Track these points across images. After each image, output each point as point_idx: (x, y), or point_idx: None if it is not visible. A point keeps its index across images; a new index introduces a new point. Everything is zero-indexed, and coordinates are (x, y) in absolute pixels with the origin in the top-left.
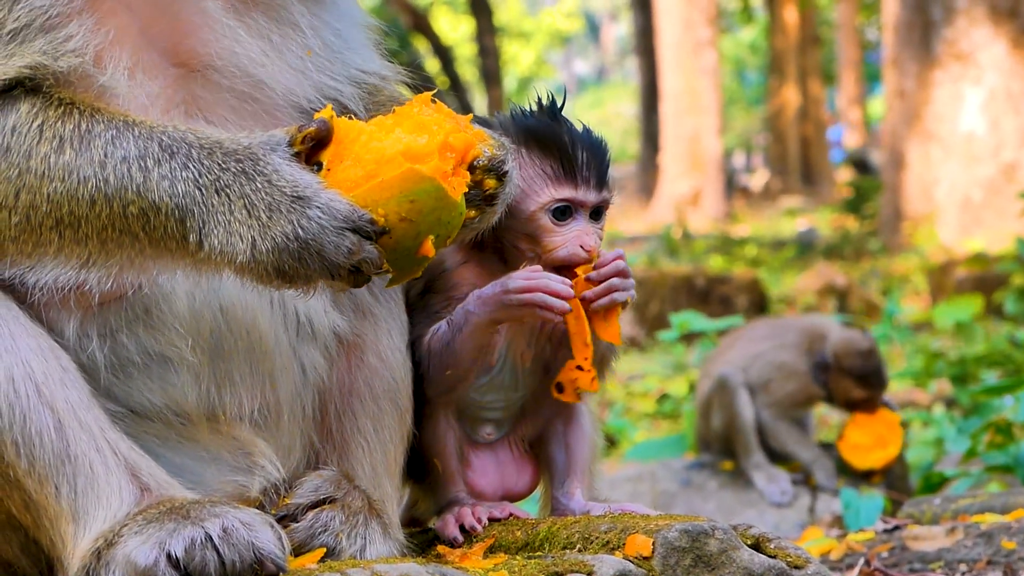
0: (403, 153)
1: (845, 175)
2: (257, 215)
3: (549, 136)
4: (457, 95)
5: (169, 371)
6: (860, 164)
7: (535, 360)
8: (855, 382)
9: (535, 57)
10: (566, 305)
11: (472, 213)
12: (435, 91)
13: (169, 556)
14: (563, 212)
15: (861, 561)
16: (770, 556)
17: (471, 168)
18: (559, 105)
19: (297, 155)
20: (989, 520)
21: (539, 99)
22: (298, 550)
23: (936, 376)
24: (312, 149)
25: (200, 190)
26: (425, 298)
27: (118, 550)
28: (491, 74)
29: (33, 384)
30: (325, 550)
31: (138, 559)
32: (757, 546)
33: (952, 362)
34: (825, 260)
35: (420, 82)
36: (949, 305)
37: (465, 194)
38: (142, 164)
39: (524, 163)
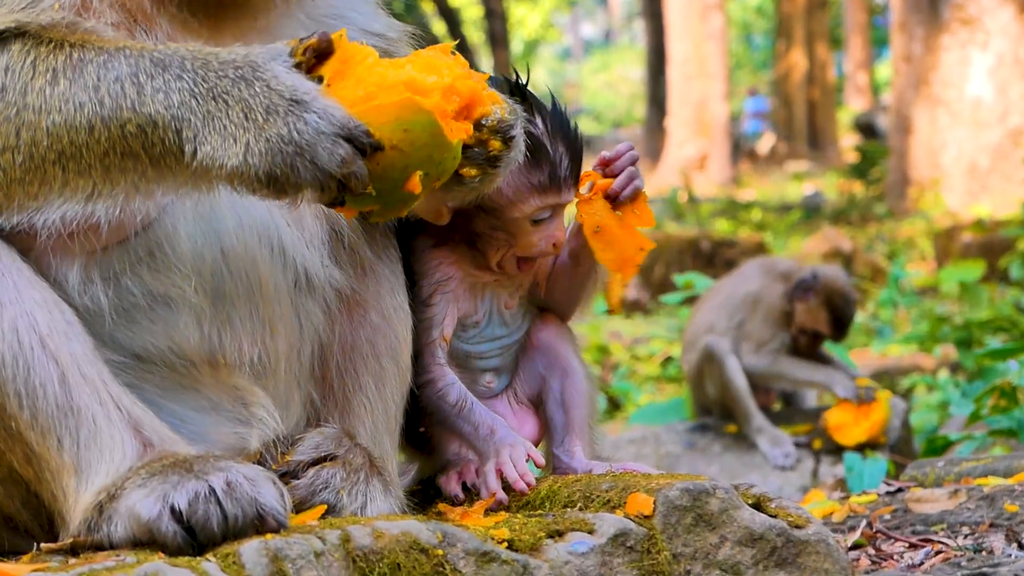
0: (406, 83)
1: (851, 139)
2: (254, 118)
3: (538, 150)
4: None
5: (172, 312)
6: (867, 128)
7: (519, 303)
8: (829, 319)
9: (542, 20)
10: (518, 484)
11: (473, 171)
12: (456, 43)
13: (173, 509)
14: (540, 220)
15: (863, 523)
16: (771, 516)
17: (478, 126)
18: (524, 83)
19: (297, 66)
20: (992, 483)
21: (516, 80)
22: (299, 507)
23: (941, 340)
24: (313, 63)
25: (196, 98)
26: (415, 288)
27: (121, 503)
28: (497, 37)
29: (37, 336)
30: (326, 507)
31: (141, 512)
32: (758, 506)
33: (957, 326)
34: (831, 224)
35: (427, 43)
36: (955, 270)
37: (468, 151)
38: (135, 81)
39: (512, 173)
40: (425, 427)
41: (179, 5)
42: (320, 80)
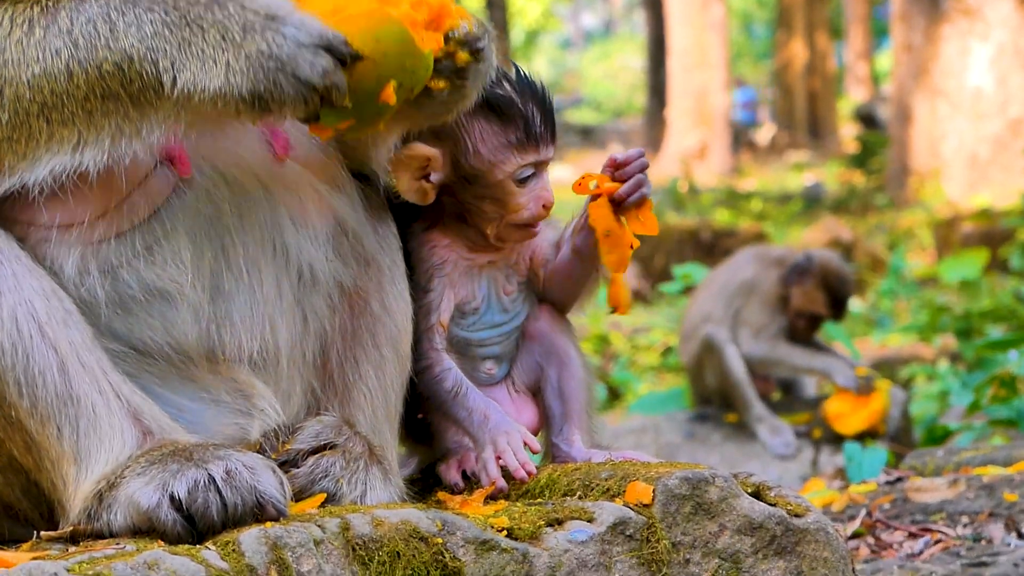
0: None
1: (852, 130)
2: (231, 37)
3: (509, 106)
4: None
5: (170, 307)
6: (867, 118)
7: (518, 289)
8: (827, 299)
9: (542, 9)
10: (518, 473)
11: (442, 84)
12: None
13: (172, 497)
14: (525, 179)
15: (863, 512)
16: (770, 504)
17: (446, 38)
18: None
19: None
20: (991, 473)
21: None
22: (299, 495)
23: (941, 331)
24: None
25: (168, 28)
26: (413, 275)
27: (120, 491)
28: (498, 26)
29: (36, 324)
30: (325, 495)
31: (141, 500)
32: (757, 494)
33: (957, 317)
34: (831, 214)
35: None
36: (955, 260)
37: (437, 64)
38: (107, 19)
39: (486, 133)
40: (424, 414)
41: None
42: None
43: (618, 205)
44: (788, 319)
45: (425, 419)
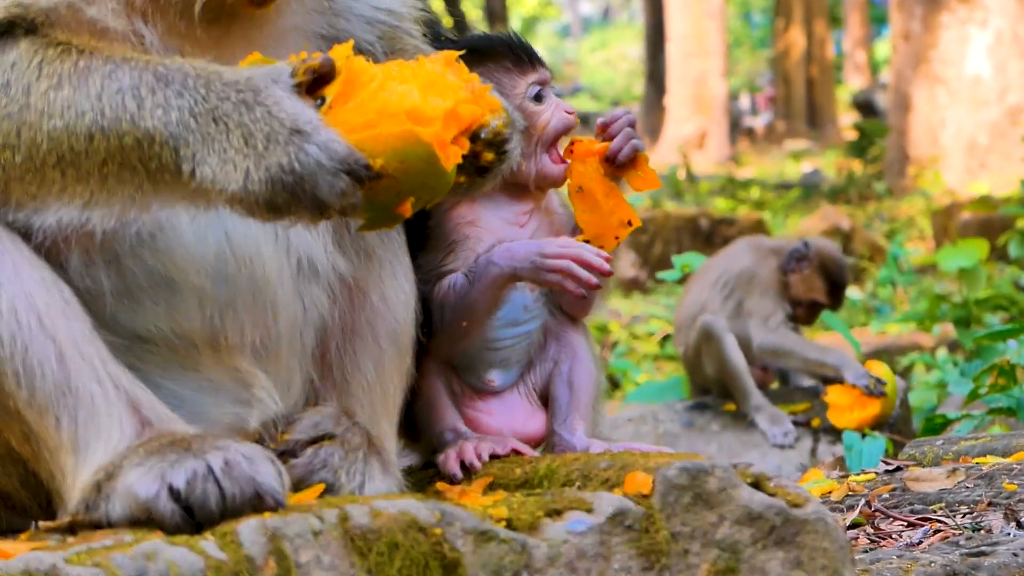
0: (407, 112)
1: (850, 118)
2: (254, 144)
3: (489, 41)
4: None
5: (174, 295)
6: (866, 107)
7: (538, 293)
8: (825, 286)
9: None
10: (593, 278)
11: (463, 179)
12: (461, 54)
13: (170, 488)
14: (538, 96)
15: (862, 502)
16: (770, 495)
17: (474, 137)
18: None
19: (299, 86)
20: (991, 462)
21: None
22: (297, 486)
23: (940, 319)
24: (315, 82)
25: (195, 118)
26: (427, 243)
27: (119, 482)
28: (496, 14)
29: (35, 314)
30: (324, 486)
31: (139, 491)
32: (757, 485)
33: (956, 305)
34: (830, 203)
35: (429, 18)
36: (953, 248)
37: (459, 165)
38: (136, 94)
39: (485, 71)
40: (422, 410)
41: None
42: (322, 101)
43: (614, 164)
44: (789, 308)
45: (417, 416)
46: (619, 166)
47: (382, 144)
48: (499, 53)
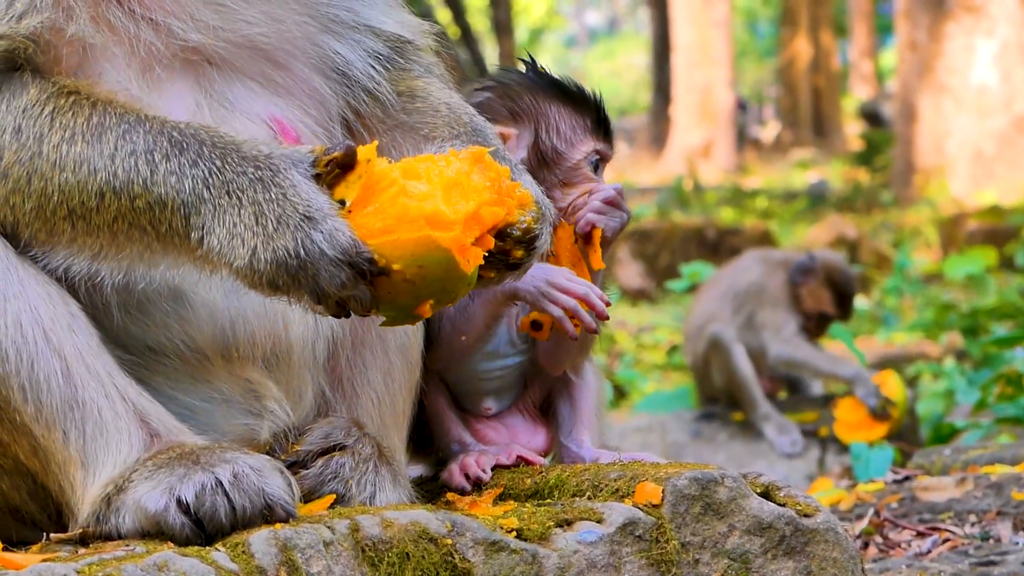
0: (427, 217)
1: (857, 127)
2: (264, 224)
3: (581, 92)
4: (468, 46)
5: (184, 307)
6: (872, 116)
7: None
8: (833, 297)
9: (547, 8)
10: (593, 324)
11: (491, 274)
12: (492, 149)
13: (179, 501)
14: (596, 166)
15: (871, 512)
16: (779, 504)
17: (502, 235)
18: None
19: (318, 176)
20: (999, 471)
21: (532, 60)
22: (308, 497)
23: (947, 328)
24: (335, 174)
25: (208, 189)
26: None
27: (128, 495)
28: (502, 25)
29: (41, 330)
30: (335, 497)
31: (148, 504)
32: (767, 494)
33: (963, 314)
34: (836, 212)
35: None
36: (960, 257)
37: (489, 256)
38: (150, 158)
39: (564, 114)
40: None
41: None
42: (342, 204)
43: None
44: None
45: (427, 428)
46: (583, 238)
47: (400, 249)
48: (586, 107)
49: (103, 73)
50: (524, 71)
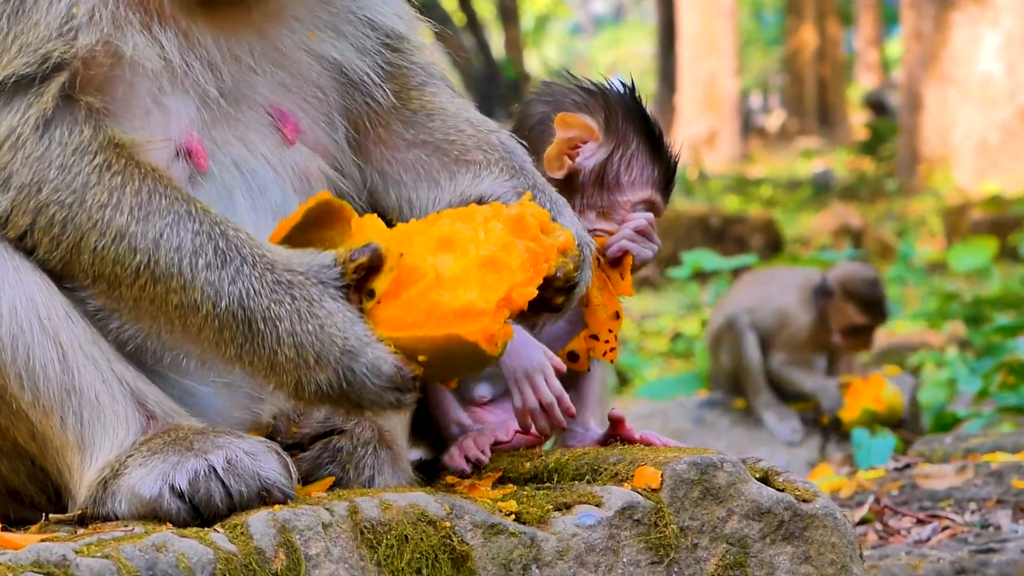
0: (456, 313)
1: (862, 117)
2: (305, 357)
3: (663, 146)
4: (474, 33)
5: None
6: (877, 106)
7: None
8: (857, 307)
9: None
10: (539, 438)
11: (535, 318)
12: (531, 187)
13: (173, 488)
14: (652, 206)
15: (871, 499)
16: (778, 490)
17: (544, 285)
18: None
19: (347, 286)
20: (1000, 459)
21: (633, 86)
22: (306, 479)
23: (950, 318)
24: (363, 276)
25: (243, 310)
26: None
27: (123, 481)
28: (508, 12)
29: (37, 318)
30: (333, 479)
31: (143, 491)
32: (766, 480)
33: (966, 304)
34: (841, 201)
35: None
36: (964, 247)
37: (532, 303)
38: (192, 262)
39: (639, 151)
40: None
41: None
42: (372, 294)
43: (607, 260)
44: (837, 341)
45: (426, 412)
46: (611, 263)
47: (427, 344)
48: (661, 157)
49: (139, 77)
50: (624, 92)
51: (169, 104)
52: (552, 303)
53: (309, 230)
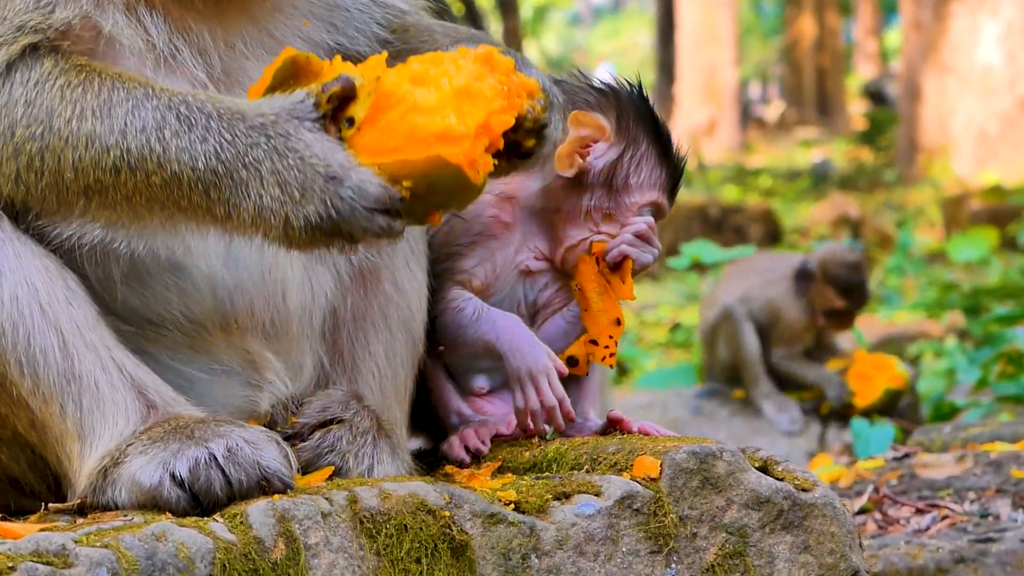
0: (436, 135)
1: (861, 106)
2: (290, 192)
3: (671, 148)
4: (473, 24)
5: (184, 278)
6: (876, 96)
7: (522, 316)
8: (836, 291)
9: None
10: (536, 436)
11: (504, 165)
12: (504, 50)
13: (173, 476)
14: (655, 211)
15: (870, 488)
16: (778, 479)
17: (514, 127)
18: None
19: (324, 117)
20: (999, 449)
21: (640, 87)
22: (305, 469)
23: (949, 308)
24: (338, 107)
25: (223, 164)
26: (449, 222)
27: (123, 469)
28: (507, 2)
29: (37, 304)
30: (332, 469)
31: (143, 479)
32: (765, 469)
33: (965, 294)
34: (839, 191)
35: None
36: (963, 237)
37: (498, 152)
38: (160, 136)
39: (648, 154)
40: (443, 349)
41: None
42: (351, 121)
43: (607, 264)
44: (820, 322)
45: (428, 399)
46: (611, 268)
47: (409, 168)
48: (669, 160)
49: (119, 55)
50: (634, 93)
51: None
52: (523, 147)
53: (281, 90)
